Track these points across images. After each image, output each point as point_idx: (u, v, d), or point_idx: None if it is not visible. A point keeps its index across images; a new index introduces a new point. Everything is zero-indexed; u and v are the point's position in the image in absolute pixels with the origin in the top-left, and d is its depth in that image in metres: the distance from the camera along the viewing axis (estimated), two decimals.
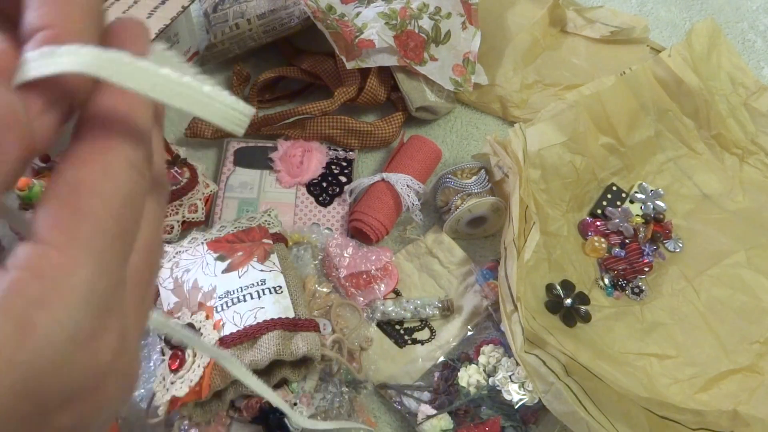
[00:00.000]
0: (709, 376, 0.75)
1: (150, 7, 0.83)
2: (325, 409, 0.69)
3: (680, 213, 0.91)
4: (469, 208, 0.82)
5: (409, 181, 0.86)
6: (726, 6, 1.23)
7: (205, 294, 0.69)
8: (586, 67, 1.07)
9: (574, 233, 0.88)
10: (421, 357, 0.77)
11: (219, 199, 0.88)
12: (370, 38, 0.91)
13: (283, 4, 0.94)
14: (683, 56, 0.93)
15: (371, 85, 0.95)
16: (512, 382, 0.69)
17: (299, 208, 0.88)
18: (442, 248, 0.85)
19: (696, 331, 0.79)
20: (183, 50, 1.02)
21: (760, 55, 1.15)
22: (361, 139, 0.95)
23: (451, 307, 0.80)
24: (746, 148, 0.95)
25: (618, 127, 0.90)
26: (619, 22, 1.11)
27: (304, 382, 0.68)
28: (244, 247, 0.73)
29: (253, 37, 0.97)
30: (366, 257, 0.81)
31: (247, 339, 0.64)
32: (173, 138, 0.97)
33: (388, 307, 0.79)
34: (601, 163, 0.91)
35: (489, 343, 0.73)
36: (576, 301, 0.79)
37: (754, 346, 0.78)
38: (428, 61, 0.96)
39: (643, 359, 0.76)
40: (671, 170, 0.95)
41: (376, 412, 0.74)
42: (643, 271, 0.85)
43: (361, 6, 0.96)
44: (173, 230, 0.81)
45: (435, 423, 0.69)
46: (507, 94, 1.01)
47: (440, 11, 0.97)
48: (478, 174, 0.86)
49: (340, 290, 0.79)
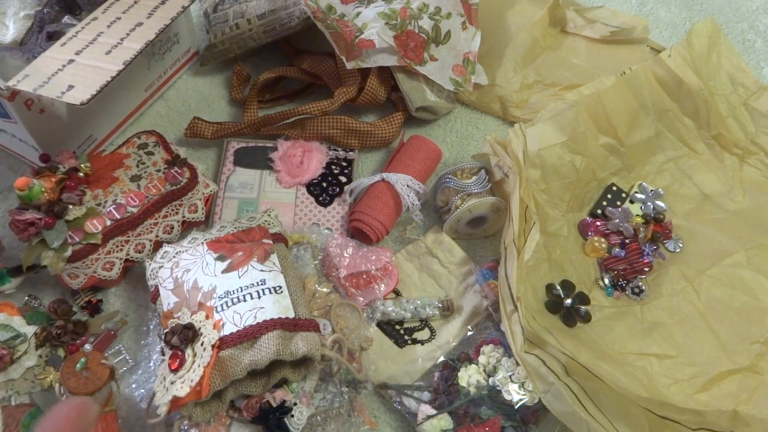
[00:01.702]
0: (709, 376, 0.75)
1: (150, 7, 0.83)
2: (325, 409, 0.69)
3: (680, 213, 0.91)
4: (469, 208, 0.82)
5: (409, 181, 0.86)
6: (726, 6, 1.23)
7: (205, 294, 0.69)
8: (586, 67, 1.07)
9: (574, 233, 0.88)
10: (421, 357, 0.77)
11: (219, 199, 0.88)
12: (370, 38, 0.91)
13: (283, 4, 0.94)
14: (683, 56, 0.93)
15: (371, 85, 0.95)
16: (512, 382, 0.69)
17: (299, 208, 0.88)
18: (442, 248, 0.85)
19: (696, 331, 0.79)
20: (183, 50, 1.02)
21: (760, 55, 1.15)
22: (361, 139, 0.95)
23: (451, 307, 0.80)
24: (746, 148, 0.95)
25: (618, 127, 0.90)
26: (619, 22, 1.11)
27: (304, 382, 0.68)
28: (244, 247, 0.73)
29: (253, 37, 0.97)
30: (366, 257, 0.81)
31: (247, 339, 0.64)
32: (173, 138, 0.97)
33: (388, 307, 0.79)
34: (601, 163, 0.91)
35: (489, 343, 0.73)
36: (576, 301, 0.79)
37: (754, 346, 0.78)
38: (428, 61, 0.96)
39: (643, 359, 0.76)
40: (671, 170, 0.95)
41: (376, 412, 0.74)
42: (643, 271, 0.85)
43: (361, 6, 0.96)
44: (173, 230, 0.81)
45: (435, 423, 0.70)
46: (507, 94, 1.01)
47: (440, 11, 0.97)
48: (478, 174, 0.86)
49: (340, 290, 0.79)
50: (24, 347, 0.70)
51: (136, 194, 0.78)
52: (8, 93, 0.75)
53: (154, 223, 0.79)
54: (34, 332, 0.72)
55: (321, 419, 0.68)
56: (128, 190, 0.79)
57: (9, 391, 0.69)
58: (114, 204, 0.77)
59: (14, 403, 0.68)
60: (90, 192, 0.78)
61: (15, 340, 0.70)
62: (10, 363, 0.69)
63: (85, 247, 0.74)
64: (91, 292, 0.80)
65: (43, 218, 0.73)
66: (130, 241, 0.78)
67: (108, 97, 0.90)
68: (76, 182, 0.77)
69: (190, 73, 1.05)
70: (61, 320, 0.74)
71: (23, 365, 0.70)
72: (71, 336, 0.74)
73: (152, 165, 0.82)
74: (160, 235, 0.80)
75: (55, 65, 0.77)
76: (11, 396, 0.69)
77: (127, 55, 0.76)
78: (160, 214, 0.79)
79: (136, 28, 0.80)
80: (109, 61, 0.76)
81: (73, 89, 0.72)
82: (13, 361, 0.70)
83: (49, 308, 0.75)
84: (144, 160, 0.82)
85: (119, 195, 0.78)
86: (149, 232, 0.79)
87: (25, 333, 0.71)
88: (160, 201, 0.79)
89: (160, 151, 0.83)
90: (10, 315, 0.72)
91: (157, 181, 0.80)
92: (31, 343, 0.71)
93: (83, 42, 0.80)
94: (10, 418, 0.67)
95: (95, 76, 0.73)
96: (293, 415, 0.66)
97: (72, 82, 0.73)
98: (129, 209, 0.77)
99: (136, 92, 0.96)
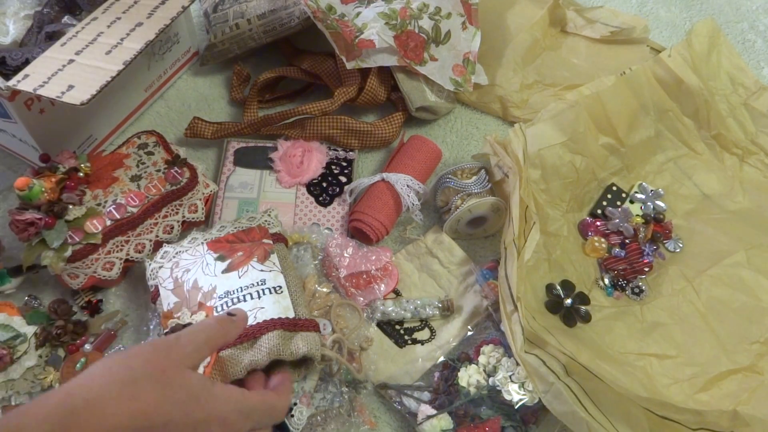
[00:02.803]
0: (709, 376, 0.75)
1: (150, 7, 0.83)
2: (325, 409, 0.69)
3: (680, 213, 0.91)
4: (469, 208, 0.82)
5: (409, 181, 0.86)
6: (726, 6, 1.23)
7: (205, 294, 0.69)
8: (586, 67, 1.07)
9: (574, 233, 0.88)
10: (421, 357, 0.77)
11: (219, 199, 0.88)
12: (370, 38, 0.91)
13: (283, 4, 0.94)
14: (683, 56, 0.93)
15: (371, 85, 0.95)
16: (512, 382, 0.69)
17: (299, 208, 0.88)
18: (442, 248, 0.85)
19: (696, 331, 0.79)
20: (183, 50, 1.02)
21: (760, 55, 1.15)
22: (361, 139, 0.95)
23: (451, 307, 0.80)
24: (746, 148, 0.95)
25: (618, 127, 0.90)
26: (619, 22, 1.11)
27: (304, 382, 0.68)
28: (245, 247, 0.73)
29: (253, 37, 0.97)
30: (366, 257, 0.81)
31: (247, 339, 0.64)
32: (173, 138, 0.97)
33: (388, 307, 0.79)
34: (601, 163, 0.91)
35: (489, 343, 0.73)
36: (576, 301, 0.79)
37: (754, 346, 0.78)
38: (428, 61, 0.96)
39: (643, 359, 0.76)
40: (671, 170, 0.95)
41: (376, 412, 0.74)
42: (643, 271, 0.85)
43: (361, 6, 0.96)
44: (173, 230, 0.81)
45: (435, 423, 0.70)
46: (507, 94, 1.01)
47: (440, 11, 0.97)
48: (478, 174, 0.86)
49: (340, 290, 0.79)
50: (24, 347, 0.70)
51: (136, 194, 0.78)
52: (8, 93, 0.75)
53: (154, 223, 0.79)
54: (34, 332, 0.72)
55: (321, 419, 0.68)
56: (128, 190, 0.79)
57: (9, 391, 0.69)
58: (114, 204, 0.77)
59: (14, 403, 0.69)
60: (90, 192, 0.78)
61: (15, 340, 0.70)
62: (10, 363, 0.69)
63: (85, 247, 0.74)
64: (91, 292, 0.80)
65: (43, 218, 0.73)
66: (130, 241, 0.78)
67: (108, 97, 0.91)
68: (76, 182, 0.77)
69: (190, 73, 1.05)
70: (61, 320, 0.74)
71: (23, 365, 0.70)
72: (71, 336, 0.74)
73: (152, 165, 0.82)
74: (160, 235, 0.80)
75: (55, 65, 0.77)
76: (11, 396, 0.69)
77: (127, 55, 0.76)
78: (160, 214, 0.79)
79: (136, 28, 0.80)
80: (109, 61, 0.76)
81: (73, 89, 0.72)
82: (13, 361, 0.70)
83: (49, 308, 0.75)
84: (144, 160, 0.82)
85: (119, 195, 0.78)
86: (149, 232, 0.79)
87: (25, 333, 0.71)
88: (160, 201, 0.79)
89: (160, 151, 0.83)
90: (10, 315, 0.72)
91: (157, 181, 0.80)
92: (31, 343, 0.71)
93: (83, 42, 0.80)
94: None
95: (95, 76, 0.73)
96: (293, 415, 0.66)
97: (72, 82, 0.73)
98: (129, 209, 0.77)
99: (136, 92, 0.96)
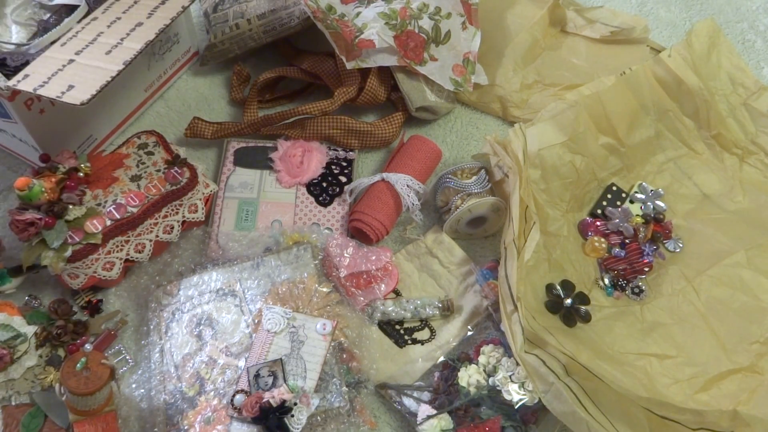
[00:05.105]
0: (709, 376, 0.75)
1: (150, 7, 0.83)
2: (325, 409, 0.69)
3: (680, 213, 0.91)
4: (469, 208, 0.82)
5: (409, 181, 0.86)
6: (726, 6, 1.23)
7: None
8: (586, 67, 1.07)
9: (574, 233, 0.88)
10: (421, 357, 0.77)
11: (219, 198, 0.88)
12: (370, 38, 0.91)
13: (283, 4, 0.94)
14: (683, 56, 0.93)
15: (371, 85, 0.95)
16: (512, 382, 0.69)
17: (299, 208, 0.88)
18: (442, 248, 0.85)
19: (696, 331, 0.79)
20: (183, 50, 1.02)
21: (760, 55, 1.15)
22: (361, 139, 0.95)
23: (451, 307, 0.80)
24: (746, 148, 0.95)
25: (618, 127, 0.90)
26: (619, 22, 1.11)
27: (304, 382, 0.68)
28: None
29: (253, 37, 0.97)
30: (366, 257, 0.81)
31: None
32: (173, 138, 0.97)
33: (388, 307, 0.79)
34: (601, 163, 0.91)
35: (489, 343, 0.73)
36: (576, 301, 0.79)
37: (754, 346, 0.78)
38: (428, 61, 0.96)
39: (643, 359, 0.76)
40: (671, 170, 0.95)
41: (376, 412, 0.74)
42: (643, 271, 0.85)
43: (361, 6, 0.96)
44: (173, 230, 0.81)
45: (435, 423, 0.69)
46: (507, 94, 1.01)
47: (440, 11, 0.97)
48: (478, 174, 0.86)
49: (340, 290, 0.79)
50: (24, 347, 0.71)
51: (136, 194, 0.78)
52: (8, 93, 0.75)
53: (154, 223, 0.79)
54: (34, 332, 0.72)
55: (321, 419, 0.68)
56: (128, 190, 0.79)
57: (9, 391, 0.69)
58: (114, 204, 0.77)
59: (14, 403, 0.69)
60: (90, 192, 0.78)
61: (15, 340, 0.70)
62: (10, 363, 0.69)
63: (85, 247, 0.74)
64: (91, 292, 0.80)
65: (43, 218, 0.73)
66: (130, 241, 0.78)
67: (108, 97, 0.91)
68: (76, 182, 0.77)
69: (190, 73, 1.05)
70: (61, 320, 0.74)
71: (23, 365, 0.70)
72: (71, 336, 0.74)
73: (152, 165, 0.82)
74: (160, 235, 0.80)
75: (55, 65, 0.77)
76: (11, 396, 0.69)
77: (127, 55, 0.76)
78: (160, 214, 0.79)
79: (136, 28, 0.80)
80: (109, 61, 0.76)
81: (73, 89, 0.72)
82: (14, 361, 0.70)
83: (49, 308, 0.75)
84: (144, 160, 0.82)
85: (119, 195, 0.78)
86: (149, 232, 0.79)
87: (25, 333, 0.71)
88: (160, 201, 0.79)
89: (160, 151, 0.83)
90: (10, 315, 0.72)
91: (157, 181, 0.80)
92: (31, 343, 0.71)
93: (83, 42, 0.80)
94: (10, 418, 0.67)
95: (95, 76, 0.73)
96: (293, 415, 0.66)
97: (72, 82, 0.73)
98: (129, 209, 0.77)
99: (136, 92, 0.96)
